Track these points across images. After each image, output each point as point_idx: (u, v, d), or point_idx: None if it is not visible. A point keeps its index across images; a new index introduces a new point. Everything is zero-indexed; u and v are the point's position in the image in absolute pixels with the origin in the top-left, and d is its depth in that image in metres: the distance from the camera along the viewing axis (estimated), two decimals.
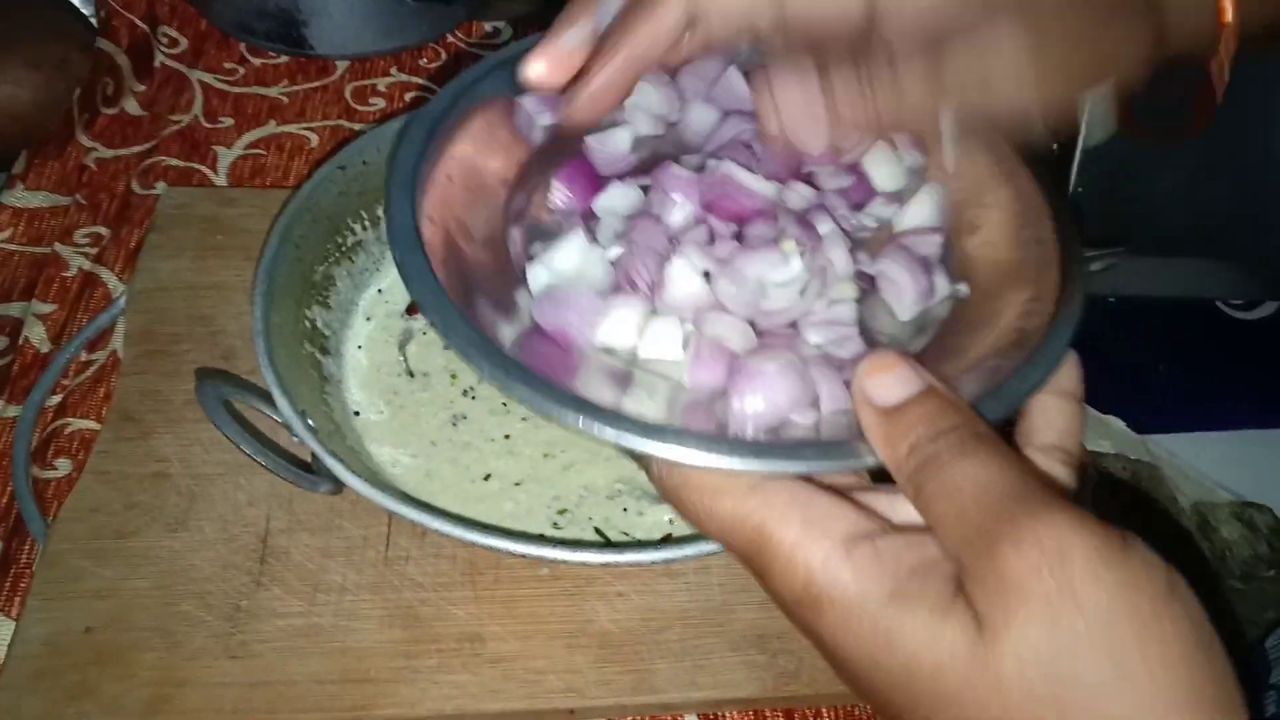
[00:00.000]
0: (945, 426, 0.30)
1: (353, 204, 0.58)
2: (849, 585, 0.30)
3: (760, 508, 0.31)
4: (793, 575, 0.30)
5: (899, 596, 0.29)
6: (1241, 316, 0.74)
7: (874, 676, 0.30)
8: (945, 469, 0.29)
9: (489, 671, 0.49)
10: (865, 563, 0.30)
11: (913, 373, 0.31)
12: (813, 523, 0.31)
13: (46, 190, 0.69)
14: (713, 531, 0.33)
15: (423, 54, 0.82)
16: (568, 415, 0.32)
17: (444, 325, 0.35)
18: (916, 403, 0.31)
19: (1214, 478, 0.65)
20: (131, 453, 0.54)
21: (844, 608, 0.30)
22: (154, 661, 0.48)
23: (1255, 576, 0.60)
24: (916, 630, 0.29)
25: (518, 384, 0.33)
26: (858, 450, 0.32)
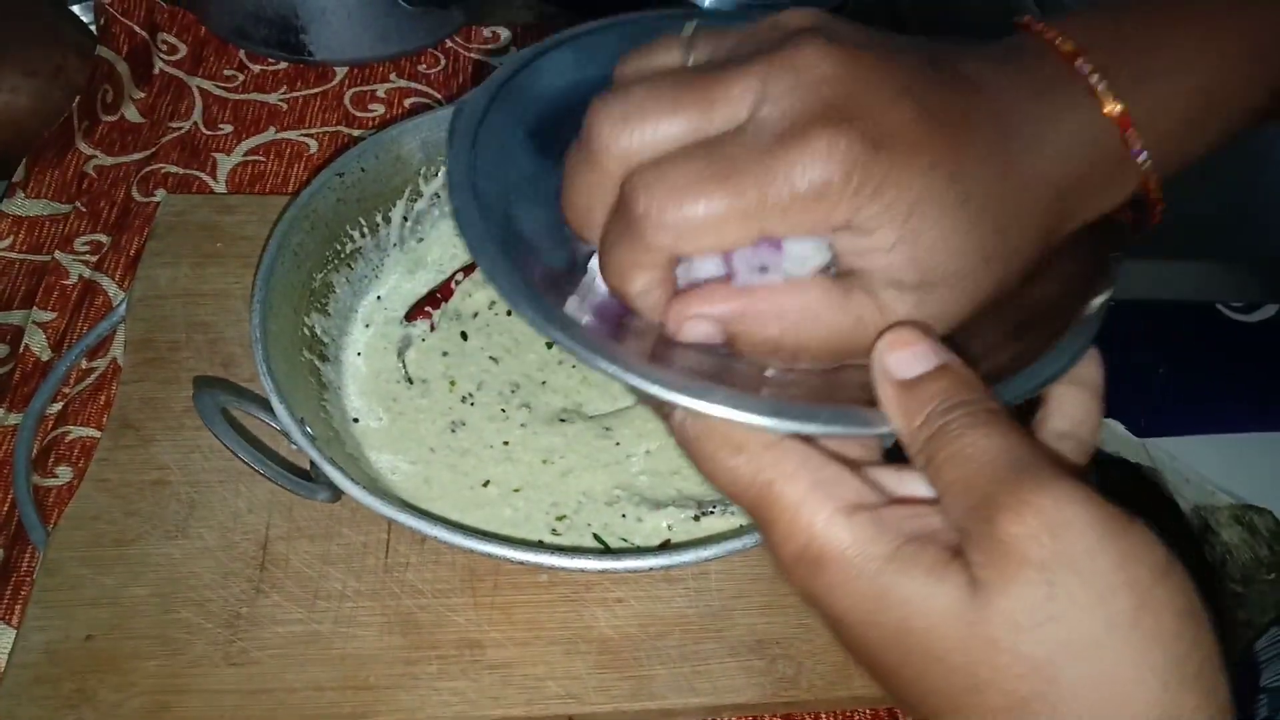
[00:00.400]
0: (959, 400, 0.31)
1: (351, 211, 0.58)
2: (848, 545, 0.30)
3: (772, 465, 0.32)
4: (795, 532, 0.31)
5: (896, 558, 0.30)
6: (1241, 319, 0.74)
7: (868, 635, 0.31)
8: (956, 439, 0.30)
9: (489, 678, 0.49)
10: (865, 526, 0.30)
11: (931, 349, 0.32)
12: (820, 485, 0.31)
13: (46, 198, 0.70)
14: (724, 483, 0.33)
15: (421, 59, 0.82)
16: (598, 360, 0.33)
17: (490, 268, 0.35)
18: (933, 378, 0.31)
19: (1214, 481, 0.65)
20: (131, 460, 0.54)
21: (841, 566, 0.30)
22: (154, 669, 0.48)
23: (1255, 580, 0.60)
24: (912, 590, 0.29)
25: (552, 327, 0.33)
26: (874, 418, 0.32)
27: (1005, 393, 0.33)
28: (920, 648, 0.29)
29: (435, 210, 0.62)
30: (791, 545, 0.31)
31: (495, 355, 0.58)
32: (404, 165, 0.60)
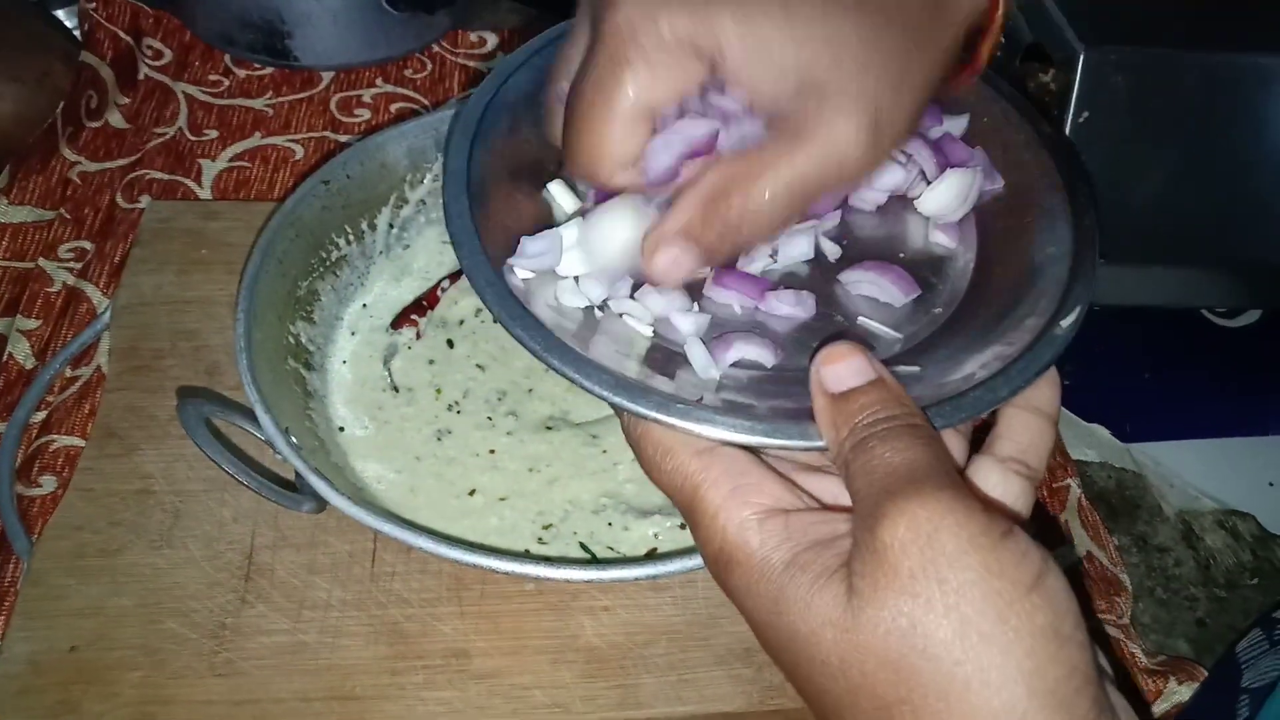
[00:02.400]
0: (883, 415, 0.32)
1: (336, 218, 0.58)
2: (754, 550, 0.32)
3: (701, 470, 0.34)
4: (713, 534, 0.33)
5: (793, 565, 0.32)
6: (1225, 324, 0.74)
7: (768, 636, 0.33)
8: (868, 451, 0.31)
9: (475, 687, 0.49)
10: (773, 531, 0.32)
11: (865, 363, 0.34)
12: (740, 491, 0.33)
13: (30, 205, 0.69)
14: (660, 483, 0.36)
15: (408, 64, 0.82)
16: (551, 358, 0.35)
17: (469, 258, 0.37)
18: (863, 391, 0.33)
19: (1198, 486, 0.65)
20: (116, 470, 0.54)
21: (747, 570, 0.32)
22: (138, 680, 0.48)
23: (1238, 584, 0.61)
24: (797, 597, 0.31)
25: (515, 324, 0.36)
26: (806, 430, 0.34)
27: (948, 414, 0.34)
28: (805, 652, 0.31)
29: (421, 217, 0.62)
30: (710, 546, 0.34)
31: (481, 363, 0.58)
32: (390, 172, 0.60)
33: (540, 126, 0.42)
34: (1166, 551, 0.62)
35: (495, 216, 0.40)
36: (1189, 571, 0.61)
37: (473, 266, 0.37)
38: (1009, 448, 0.36)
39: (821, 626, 0.30)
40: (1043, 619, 0.28)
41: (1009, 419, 0.36)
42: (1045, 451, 0.36)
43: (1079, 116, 0.61)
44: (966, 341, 0.39)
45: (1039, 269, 0.40)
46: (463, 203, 0.39)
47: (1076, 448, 0.65)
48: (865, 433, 0.32)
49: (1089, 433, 0.66)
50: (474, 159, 0.40)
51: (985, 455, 0.36)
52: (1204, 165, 0.64)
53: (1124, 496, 0.64)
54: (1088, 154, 0.62)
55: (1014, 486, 0.35)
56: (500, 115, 0.42)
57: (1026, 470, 0.35)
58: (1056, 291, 0.39)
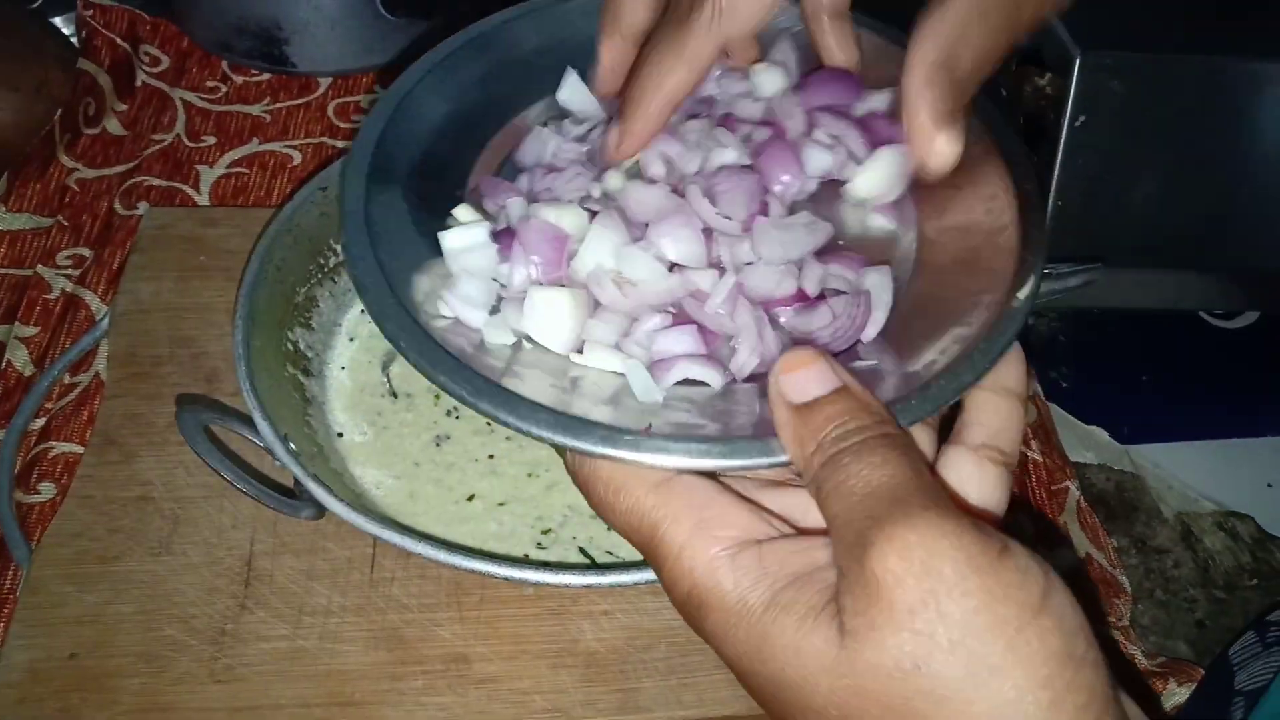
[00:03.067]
0: (853, 427, 0.30)
1: (335, 224, 0.57)
2: (728, 592, 0.30)
3: (658, 506, 0.31)
4: (680, 577, 0.31)
5: (773, 606, 0.29)
6: (1223, 326, 0.74)
7: (751, 682, 0.30)
8: (842, 469, 0.29)
9: (474, 692, 0.49)
10: (746, 569, 0.30)
11: (828, 370, 0.31)
12: (704, 525, 0.31)
13: (28, 212, 0.69)
14: (616, 524, 0.33)
15: None
16: (481, 403, 0.32)
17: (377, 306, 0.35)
18: (829, 401, 0.30)
19: (1197, 488, 0.65)
20: (114, 476, 0.54)
21: (722, 613, 0.30)
22: (138, 687, 0.48)
23: (1238, 586, 0.61)
24: (786, 641, 0.28)
25: (438, 371, 0.33)
26: (769, 447, 0.31)
27: (915, 409, 0.32)
28: (797, 700, 0.29)
29: None
30: (678, 590, 0.31)
31: None
32: None
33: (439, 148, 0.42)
34: (1165, 553, 0.62)
35: (400, 253, 0.38)
36: (1188, 573, 0.61)
37: (381, 312, 0.35)
38: (980, 434, 0.34)
39: (815, 674, 0.28)
40: (1055, 642, 0.26)
41: (977, 403, 0.34)
42: (1018, 434, 0.34)
43: (1075, 120, 0.61)
44: (921, 326, 0.36)
45: (985, 241, 0.38)
46: (364, 243, 0.37)
47: (1075, 450, 0.65)
48: (835, 448, 0.29)
49: (1088, 435, 0.67)
50: (371, 195, 0.38)
51: (956, 445, 0.34)
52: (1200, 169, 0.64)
53: (1123, 498, 0.64)
54: (1084, 158, 0.62)
55: (990, 475, 0.33)
56: (395, 145, 0.41)
57: (1001, 456, 0.33)
58: (1008, 262, 0.37)
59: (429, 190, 0.41)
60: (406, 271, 0.37)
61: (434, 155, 0.42)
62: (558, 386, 0.34)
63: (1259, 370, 0.72)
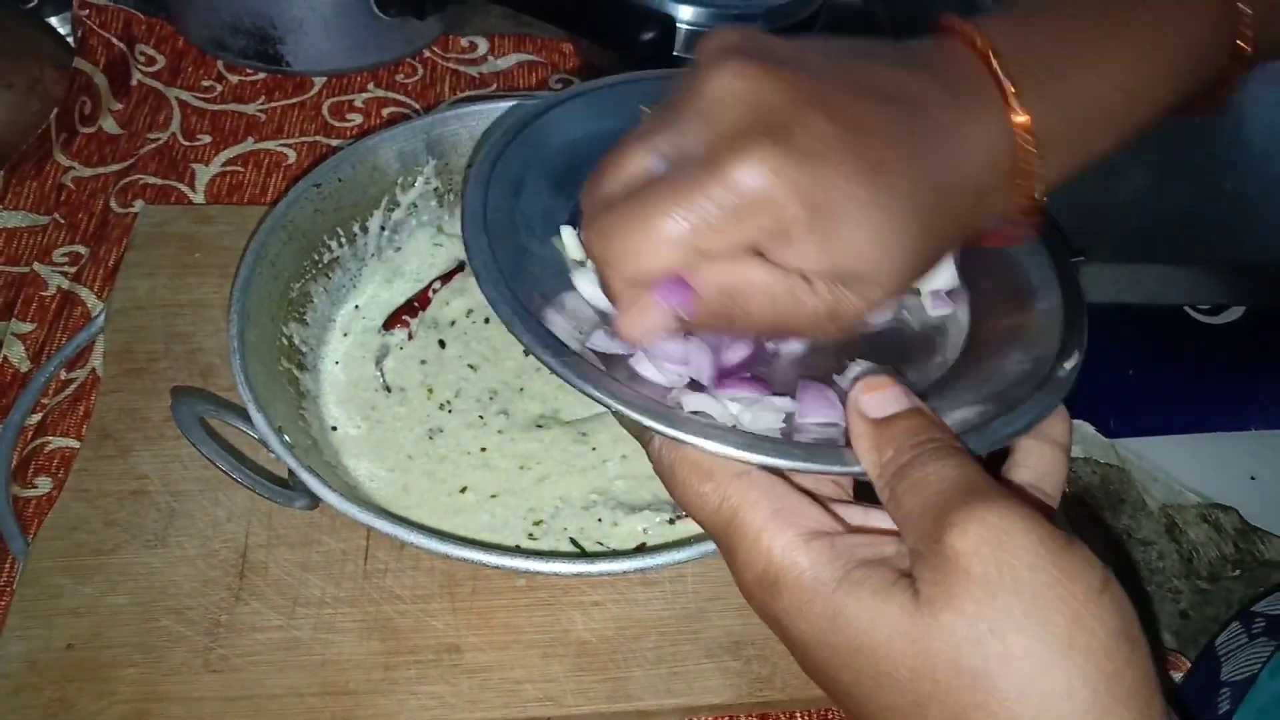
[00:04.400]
0: (926, 437, 0.32)
1: (328, 221, 0.58)
2: (804, 570, 0.32)
3: (738, 492, 0.34)
4: (755, 557, 0.33)
5: (848, 580, 0.31)
6: (1209, 321, 0.75)
7: (822, 655, 0.32)
8: (919, 468, 0.32)
9: (467, 682, 0.49)
10: (821, 551, 0.32)
11: (903, 393, 0.34)
12: (781, 513, 0.33)
13: (25, 210, 0.70)
14: (694, 508, 0.35)
15: (400, 69, 0.82)
16: (589, 388, 0.35)
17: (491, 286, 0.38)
18: (904, 416, 0.33)
19: (1182, 480, 0.66)
20: (111, 470, 0.55)
21: (798, 590, 0.32)
22: (134, 677, 0.48)
23: (1221, 577, 0.61)
24: (860, 609, 0.31)
25: (544, 351, 0.36)
26: (843, 456, 0.34)
27: (974, 442, 0.35)
28: (870, 666, 0.30)
29: (412, 220, 0.63)
30: (752, 570, 0.33)
31: (473, 363, 0.59)
32: (381, 175, 0.60)
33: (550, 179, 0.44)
34: (1150, 545, 0.63)
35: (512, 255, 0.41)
36: (1172, 564, 0.62)
37: (498, 298, 0.38)
38: (1026, 474, 0.36)
39: (889, 638, 0.30)
40: (1116, 622, 0.28)
41: (1025, 449, 0.37)
42: (1061, 479, 0.37)
43: None
44: (969, 389, 0.40)
45: (1032, 323, 0.42)
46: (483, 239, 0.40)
47: None
48: (912, 452, 0.32)
49: (1074, 428, 0.67)
50: (489, 204, 0.41)
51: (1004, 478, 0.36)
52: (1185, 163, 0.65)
53: (1108, 491, 0.65)
54: None
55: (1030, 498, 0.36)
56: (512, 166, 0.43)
57: (1044, 496, 0.36)
58: (1053, 340, 0.41)
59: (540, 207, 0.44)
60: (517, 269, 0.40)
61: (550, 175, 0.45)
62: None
63: (1244, 365, 0.72)
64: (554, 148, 0.45)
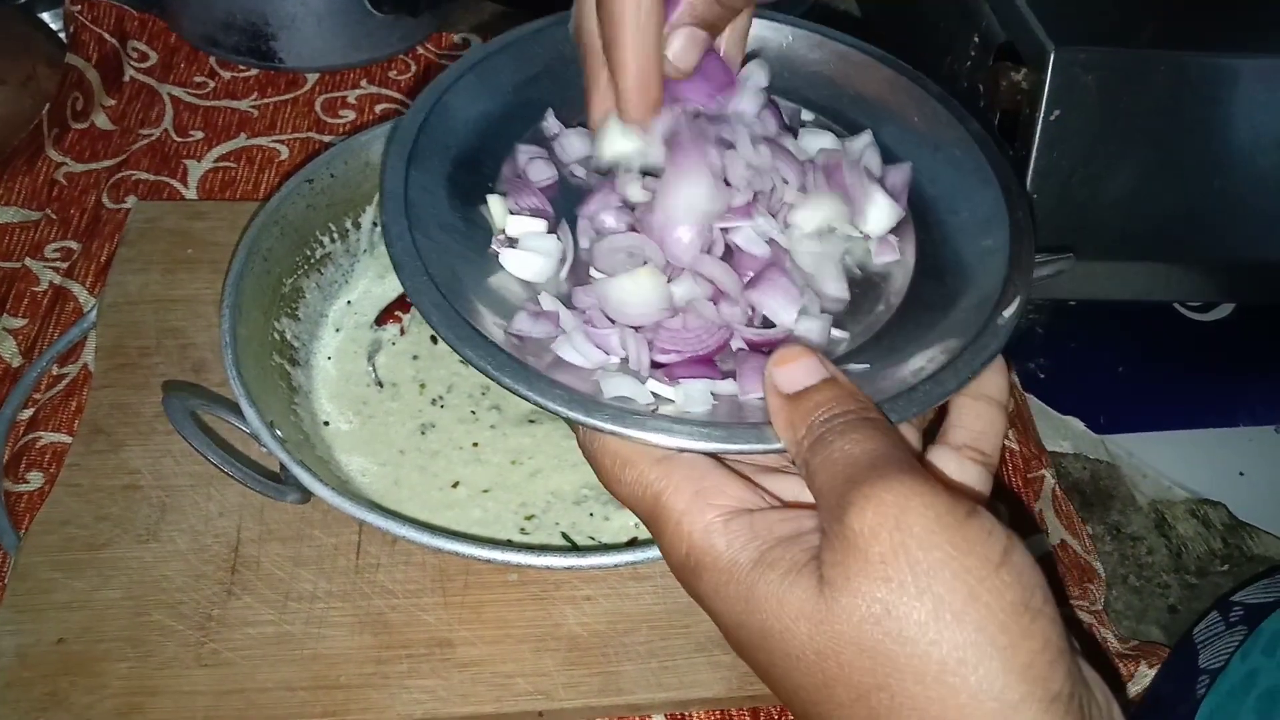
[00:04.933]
0: (839, 411, 0.32)
1: (321, 216, 0.58)
2: (721, 552, 0.32)
3: (660, 478, 0.34)
4: (678, 541, 0.34)
5: (761, 563, 0.32)
6: (1198, 318, 0.75)
7: (739, 636, 0.33)
8: (828, 445, 0.32)
9: (458, 676, 0.49)
10: (738, 532, 0.33)
11: (816, 363, 0.34)
12: (701, 495, 0.33)
13: (16, 205, 0.70)
14: (620, 495, 0.36)
15: (392, 66, 0.82)
16: (504, 377, 0.35)
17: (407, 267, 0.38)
18: (817, 390, 0.33)
19: (1171, 476, 0.66)
20: (103, 465, 0.55)
21: (715, 573, 0.32)
22: (125, 671, 0.48)
23: (1210, 572, 0.62)
24: (769, 593, 0.31)
25: (462, 341, 0.36)
26: (764, 434, 0.34)
27: (898, 409, 0.35)
28: (780, 648, 0.31)
29: None
30: (676, 553, 0.34)
31: None
32: (374, 171, 0.60)
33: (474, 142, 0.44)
34: (1139, 540, 0.63)
35: (435, 237, 0.40)
36: (1161, 559, 0.62)
37: (416, 289, 0.37)
38: (963, 435, 0.36)
39: (795, 621, 0.30)
40: (1013, 595, 0.29)
41: (960, 408, 0.37)
42: (998, 437, 0.37)
43: (1050, 115, 0.62)
44: (912, 336, 0.39)
45: (977, 263, 0.41)
46: (402, 224, 0.39)
47: (1051, 439, 0.66)
48: (822, 429, 0.32)
49: (1063, 425, 0.68)
50: (410, 179, 0.41)
51: (940, 445, 0.37)
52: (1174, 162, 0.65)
53: (1098, 486, 0.65)
54: (1059, 152, 0.63)
55: (970, 473, 0.36)
56: (436, 133, 0.43)
57: (981, 456, 0.36)
58: (996, 284, 0.39)
59: (463, 180, 0.43)
60: (440, 253, 0.39)
61: (469, 149, 0.44)
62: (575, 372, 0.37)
63: (1233, 362, 0.73)
64: (473, 115, 0.45)
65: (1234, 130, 0.65)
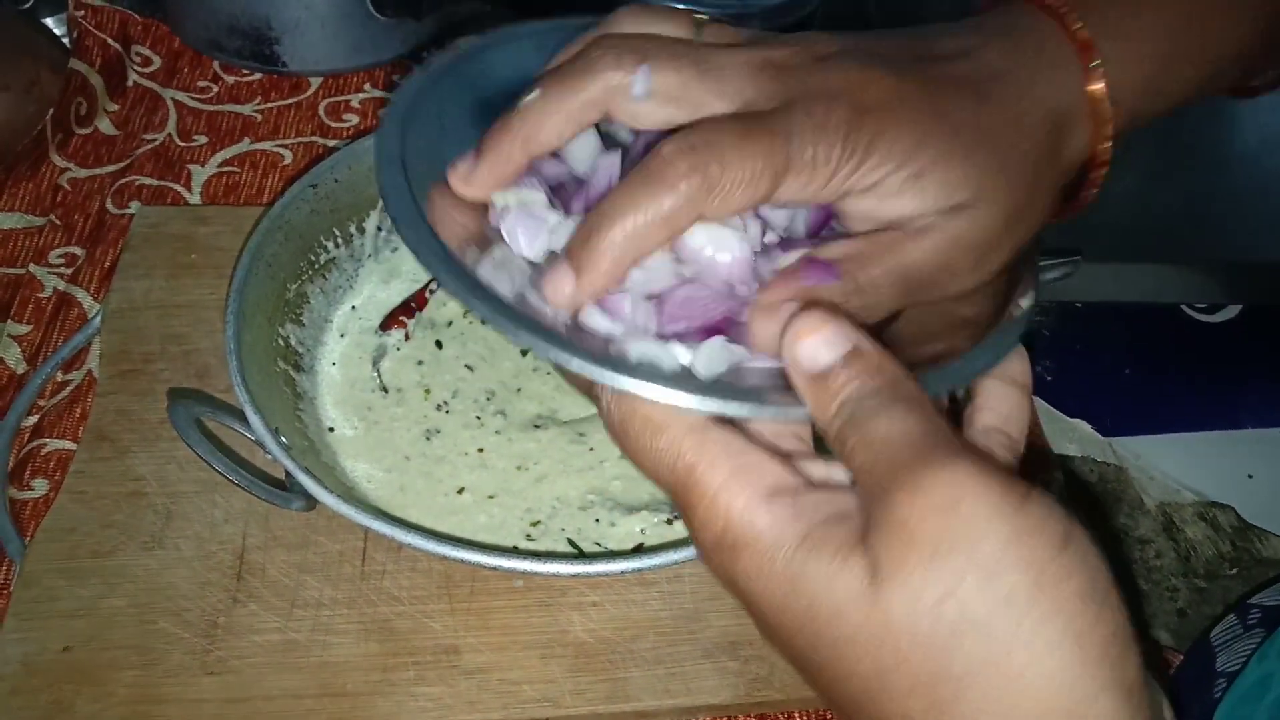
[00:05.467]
0: (870, 388, 0.31)
1: (325, 221, 0.58)
2: (763, 531, 0.30)
3: (694, 448, 0.32)
4: (713, 518, 0.31)
5: (807, 542, 0.30)
6: (1205, 319, 0.75)
7: (781, 620, 0.31)
8: (864, 424, 0.30)
9: (465, 683, 0.49)
10: (781, 512, 0.31)
11: (839, 333, 0.32)
12: (740, 471, 0.31)
13: (20, 211, 0.70)
14: (648, 466, 0.33)
15: (396, 70, 0.82)
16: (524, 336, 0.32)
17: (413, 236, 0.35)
18: (843, 365, 0.31)
19: (1179, 479, 0.66)
20: (108, 472, 0.55)
21: (756, 552, 0.30)
22: (131, 680, 0.48)
23: (1219, 575, 0.61)
24: (818, 575, 0.29)
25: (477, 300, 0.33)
26: (795, 402, 0.32)
27: (931, 384, 0.33)
28: (828, 633, 0.29)
29: None
30: (710, 530, 0.32)
31: (470, 363, 0.59)
32: None
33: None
34: (1148, 543, 0.63)
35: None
36: (1170, 563, 0.62)
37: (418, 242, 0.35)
38: (990, 417, 0.35)
39: (846, 602, 0.29)
40: (1079, 580, 0.27)
41: (986, 390, 0.36)
42: (1025, 421, 0.36)
43: None
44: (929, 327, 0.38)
45: None
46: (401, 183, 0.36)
47: (1059, 442, 0.66)
48: (854, 408, 0.30)
49: (1071, 428, 0.67)
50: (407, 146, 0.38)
51: (969, 429, 0.35)
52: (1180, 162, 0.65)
53: (1106, 489, 0.65)
54: None
55: (999, 451, 0.34)
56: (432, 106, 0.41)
57: (1009, 440, 0.35)
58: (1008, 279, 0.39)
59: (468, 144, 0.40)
60: None
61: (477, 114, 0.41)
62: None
63: (1240, 363, 0.72)
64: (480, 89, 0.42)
65: (1241, 130, 0.65)
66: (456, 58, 0.43)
